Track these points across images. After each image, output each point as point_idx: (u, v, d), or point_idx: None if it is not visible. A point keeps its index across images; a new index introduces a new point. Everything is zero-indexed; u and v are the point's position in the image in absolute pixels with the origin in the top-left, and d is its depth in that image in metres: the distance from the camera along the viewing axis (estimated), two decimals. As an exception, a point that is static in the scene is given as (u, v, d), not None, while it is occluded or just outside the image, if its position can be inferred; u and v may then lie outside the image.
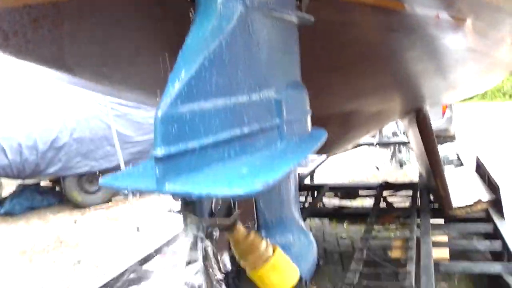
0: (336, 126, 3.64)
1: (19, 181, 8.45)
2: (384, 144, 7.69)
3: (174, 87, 0.65)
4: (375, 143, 7.20)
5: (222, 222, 0.76)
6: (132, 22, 1.20)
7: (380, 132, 7.27)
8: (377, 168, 7.91)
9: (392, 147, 8.05)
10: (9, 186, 8.98)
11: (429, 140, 3.76)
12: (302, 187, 5.75)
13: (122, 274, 3.35)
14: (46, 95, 7.91)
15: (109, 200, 8.28)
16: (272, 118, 0.84)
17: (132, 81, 1.61)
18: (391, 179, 6.28)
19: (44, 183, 8.91)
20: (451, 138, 7.88)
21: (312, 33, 1.57)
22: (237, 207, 0.79)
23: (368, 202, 5.60)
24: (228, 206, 0.78)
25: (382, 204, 4.78)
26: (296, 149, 0.85)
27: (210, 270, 0.80)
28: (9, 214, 7.91)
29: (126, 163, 7.74)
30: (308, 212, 4.83)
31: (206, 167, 0.68)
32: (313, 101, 2.81)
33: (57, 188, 8.74)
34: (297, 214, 1.10)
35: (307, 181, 6.26)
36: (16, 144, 7.49)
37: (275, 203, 0.99)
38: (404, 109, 3.78)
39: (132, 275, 3.47)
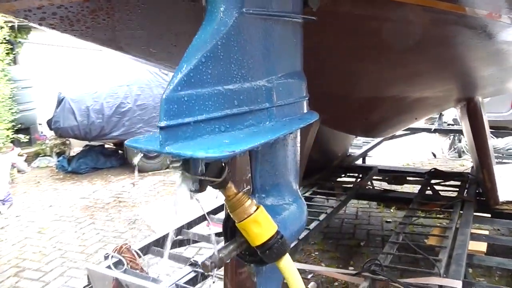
0: (384, 110, 3.76)
1: (85, 143, 9.24)
2: (443, 131, 7.52)
3: (177, 77, 0.91)
4: (433, 129, 7.06)
5: (212, 180, 1.02)
6: (171, 12, 1.47)
7: (440, 118, 7.12)
8: (434, 155, 7.79)
9: (452, 135, 7.88)
10: (77, 147, 9.87)
11: (479, 130, 3.77)
12: (351, 168, 5.88)
13: (167, 235, 3.76)
14: (113, 63, 8.48)
15: (167, 167, 8.78)
16: (262, 103, 1.08)
17: (175, 59, 1.89)
18: (447, 168, 6.24)
19: (108, 146, 9.67)
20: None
21: (363, 23, 1.79)
22: (227, 169, 1.05)
23: (417, 189, 5.64)
24: (220, 168, 1.04)
25: (430, 192, 4.82)
26: (280, 128, 1.09)
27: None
28: (75, 172, 8.73)
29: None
30: (353, 193, 4.97)
31: (198, 137, 0.94)
32: (360, 84, 2.97)
33: (120, 152, 9.46)
34: (294, 183, 1.34)
35: (359, 162, 6.38)
36: (84, 107, 8.16)
37: (269, 172, 1.23)
38: (454, 97, 3.80)
39: (179, 237, 3.88)
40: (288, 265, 1.14)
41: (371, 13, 1.74)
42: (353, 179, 5.60)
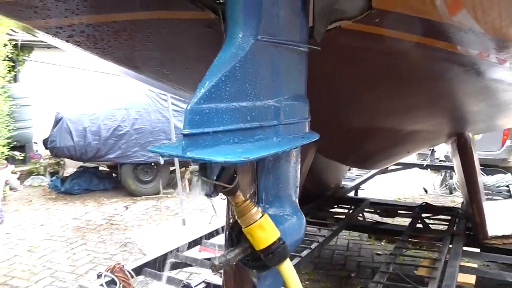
0: (376, 141, 3.91)
1: (80, 163, 9.30)
2: (435, 167, 7.69)
3: (200, 92, 1.05)
4: (425, 165, 7.23)
5: (224, 186, 1.15)
6: (186, 36, 1.63)
7: (432, 154, 7.31)
8: (425, 190, 7.95)
9: (443, 172, 8.06)
10: (71, 167, 9.92)
11: (469, 165, 3.93)
12: (343, 200, 6.00)
13: (160, 257, 3.83)
14: (113, 86, 8.64)
15: (158, 193, 8.84)
16: (271, 120, 1.22)
17: (185, 81, 2.04)
18: (438, 204, 6.37)
19: (103, 168, 9.73)
20: (510, 170, 7.74)
21: (359, 55, 1.95)
22: (238, 178, 1.18)
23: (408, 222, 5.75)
24: (231, 176, 1.17)
25: (420, 225, 4.94)
26: (286, 143, 1.23)
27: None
28: (68, 193, 8.76)
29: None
30: (345, 224, 5.07)
31: (215, 146, 1.07)
32: (354, 114, 3.12)
33: (114, 174, 9.51)
34: (294, 197, 1.47)
35: (351, 194, 6.50)
36: (82, 128, 8.26)
37: (273, 184, 1.37)
38: (445, 132, 3.97)
39: (171, 259, 3.95)
40: (288, 269, 1.25)
41: (368, 46, 1.90)
42: (345, 210, 5.71)
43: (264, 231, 1.21)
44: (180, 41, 1.69)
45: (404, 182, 8.85)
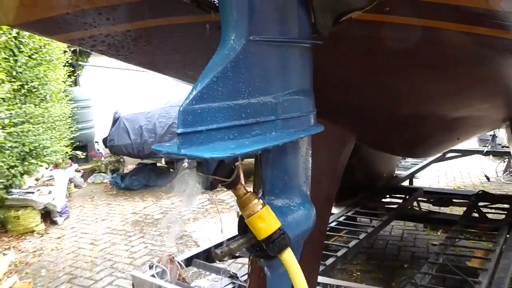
0: (423, 128, 3.82)
1: (138, 160, 9.77)
2: (497, 154, 7.30)
3: (192, 93, 1.14)
4: (485, 152, 6.89)
5: (222, 180, 1.23)
6: (202, 40, 1.73)
7: (493, 140, 6.95)
8: (488, 178, 7.58)
9: (507, 158, 7.63)
10: (130, 164, 10.45)
11: (524, 150, 3.74)
12: (396, 189, 5.91)
13: (210, 248, 4.00)
14: (167, 84, 8.97)
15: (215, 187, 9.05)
16: (268, 115, 1.29)
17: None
18: (501, 192, 6.09)
19: (160, 164, 10.16)
20: None
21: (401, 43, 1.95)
22: (236, 172, 1.26)
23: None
24: (230, 170, 1.26)
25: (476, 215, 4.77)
26: (283, 137, 1.29)
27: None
28: (128, 188, 9.23)
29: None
30: (396, 214, 5.01)
31: (210, 143, 1.16)
32: (399, 101, 3.08)
33: (171, 170, 9.90)
34: (303, 188, 1.53)
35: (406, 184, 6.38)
36: (138, 126, 8.67)
37: (278, 177, 1.43)
38: (497, 117, 3.81)
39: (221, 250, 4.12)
40: (289, 258, 1.32)
41: (408, 35, 1.88)
42: (399, 200, 5.62)
43: (264, 222, 1.28)
44: (198, 43, 1.79)
45: (465, 170, 8.50)
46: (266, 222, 1.29)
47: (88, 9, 1.47)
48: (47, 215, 7.14)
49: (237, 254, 4.14)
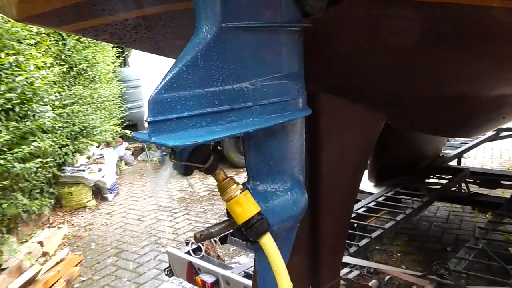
0: (459, 108, 3.65)
1: (185, 138, 10.02)
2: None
3: (161, 83, 1.18)
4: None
5: (198, 166, 1.28)
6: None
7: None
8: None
9: None
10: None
11: None
12: (442, 169, 5.71)
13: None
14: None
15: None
16: (244, 102, 1.30)
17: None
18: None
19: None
20: None
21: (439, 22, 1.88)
22: (212, 157, 1.30)
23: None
24: (205, 156, 1.30)
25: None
26: (260, 123, 1.30)
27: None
28: (175, 167, 9.52)
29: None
30: (438, 195, 4.86)
31: (181, 131, 1.20)
32: (437, 81, 2.98)
33: (219, 148, 10.09)
34: (293, 173, 1.53)
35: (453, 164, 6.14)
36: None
37: (262, 162, 1.45)
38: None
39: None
40: (268, 244, 1.34)
41: (449, 12, 1.78)
42: (444, 181, 5.44)
43: (241, 207, 1.32)
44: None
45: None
46: (244, 207, 1.32)
47: (82, 1, 1.54)
48: (98, 192, 7.56)
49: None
